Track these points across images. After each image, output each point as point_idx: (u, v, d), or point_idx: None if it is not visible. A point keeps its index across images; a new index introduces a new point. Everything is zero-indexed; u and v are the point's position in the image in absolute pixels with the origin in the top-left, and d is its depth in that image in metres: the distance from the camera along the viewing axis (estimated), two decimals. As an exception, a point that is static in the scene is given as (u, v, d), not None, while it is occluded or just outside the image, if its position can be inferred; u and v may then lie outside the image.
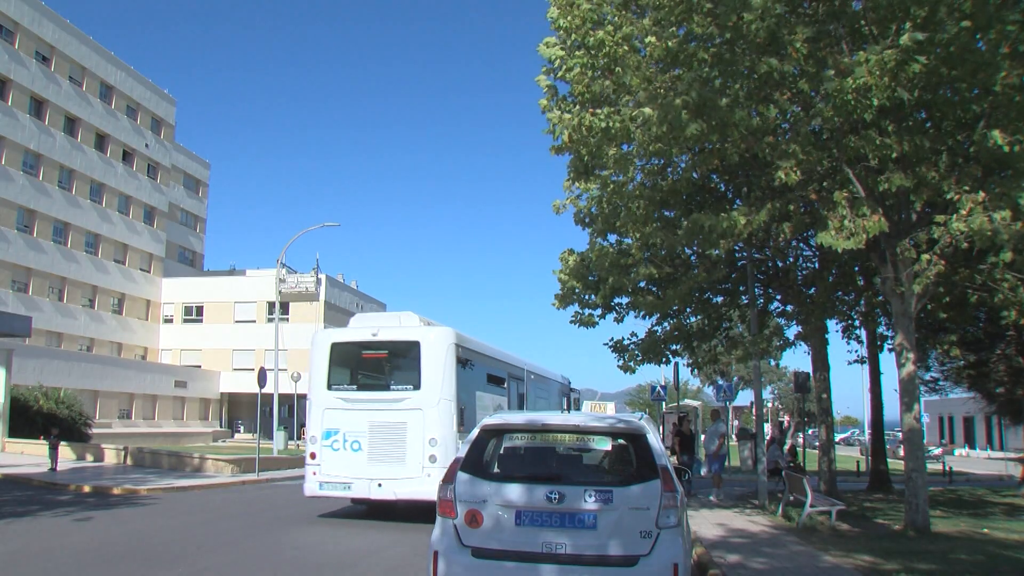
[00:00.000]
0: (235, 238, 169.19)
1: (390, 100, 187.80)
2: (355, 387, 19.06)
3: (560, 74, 16.37)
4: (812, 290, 22.33)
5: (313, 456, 18.56)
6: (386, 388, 18.85)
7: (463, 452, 8.54)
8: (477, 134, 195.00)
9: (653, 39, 14.14)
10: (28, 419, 36.05)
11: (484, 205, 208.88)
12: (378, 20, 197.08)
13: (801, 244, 22.61)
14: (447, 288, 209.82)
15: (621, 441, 8.76)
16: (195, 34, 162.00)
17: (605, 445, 9.11)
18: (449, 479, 8.29)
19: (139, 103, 69.66)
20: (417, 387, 18.28)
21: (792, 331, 24.78)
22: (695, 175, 18.31)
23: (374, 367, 19.71)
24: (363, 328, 19.78)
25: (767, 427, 40.04)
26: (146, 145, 70.54)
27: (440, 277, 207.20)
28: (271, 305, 67.83)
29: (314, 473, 18.53)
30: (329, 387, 18.84)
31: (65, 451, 31.22)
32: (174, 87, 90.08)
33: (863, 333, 26.77)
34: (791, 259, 22.98)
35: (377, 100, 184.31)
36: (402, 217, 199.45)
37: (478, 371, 20.91)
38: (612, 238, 21.20)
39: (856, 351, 29.62)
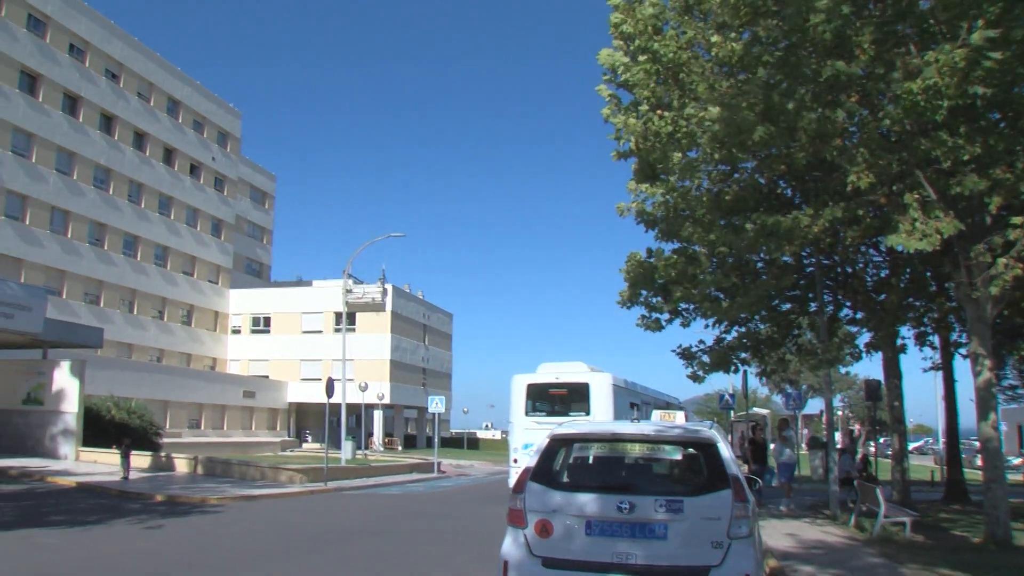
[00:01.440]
0: (301, 249, 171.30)
1: (451, 110, 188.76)
2: (544, 413, 25.65)
3: (623, 79, 16.24)
4: (883, 296, 21.88)
5: (515, 460, 25.53)
6: (566, 414, 24.95)
7: (533, 462, 8.44)
8: (538, 140, 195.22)
9: (718, 38, 13.96)
10: (101, 429, 36.58)
11: (546, 209, 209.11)
12: (438, 32, 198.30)
13: (870, 250, 22.15)
14: (512, 293, 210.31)
15: (691, 450, 8.68)
16: (259, 49, 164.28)
17: (675, 454, 9.06)
18: (519, 489, 8.21)
19: (205, 117, 70.88)
20: (588, 413, 25.11)
21: (863, 339, 24.36)
22: (761, 180, 18.03)
23: (557, 400, 26.56)
24: (548, 373, 26.95)
25: (838, 436, 39.36)
26: (212, 158, 71.73)
27: (504, 283, 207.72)
28: (338, 316, 68.71)
29: (515, 472, 24.03)
30: (526, 414, 26.03)
31: (137, 460, 31.63)
32: (239, 100, 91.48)
33: (936, 339, 26.18)
34: (860, 264, 22.56)
35: (439, 110, 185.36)
36: (466, 226, 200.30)
37: (625, 400, 27.93)
38: (677, 244, 21.01)
39: (929, 358, 28.87)
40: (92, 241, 57.80)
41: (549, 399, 26.54)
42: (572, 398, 26.22)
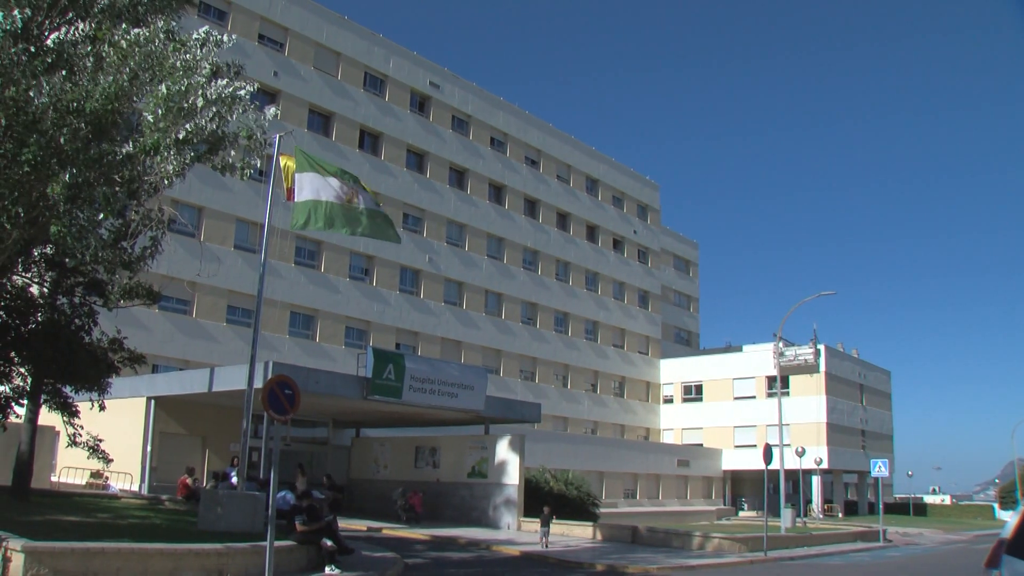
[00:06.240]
0: (729, 314, 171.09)
1: (879, 170, 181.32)
2: None
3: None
4: None
5: None
6: None
7: (1007, 532, 7.41)
8: (969, 187, 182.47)
9: None
10: (539, 499, 37.52)
11: (982, 254, 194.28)
12: (869, 92, 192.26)
13: None
14: (953, 345, 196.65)
15: None
16: (671, 121, 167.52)
17: None
18: (993, 563, 7.30)
19: (624, 192, 72.99)
20: None
21: None
22: None
23: None
24: None
25: None
26: (634, 232, 73.48)
27: (945, 336, 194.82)
28: (770, 380, 67.40)
29: None
30: None
31: (577, 530, 32.18)
32: (655, 173, 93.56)
33: None
34: None
35: (867, 174, 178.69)
36: (899, 279, 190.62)
37: None
38: None
39: None
40: (525, 320, 60.87)
41: None
42: None
